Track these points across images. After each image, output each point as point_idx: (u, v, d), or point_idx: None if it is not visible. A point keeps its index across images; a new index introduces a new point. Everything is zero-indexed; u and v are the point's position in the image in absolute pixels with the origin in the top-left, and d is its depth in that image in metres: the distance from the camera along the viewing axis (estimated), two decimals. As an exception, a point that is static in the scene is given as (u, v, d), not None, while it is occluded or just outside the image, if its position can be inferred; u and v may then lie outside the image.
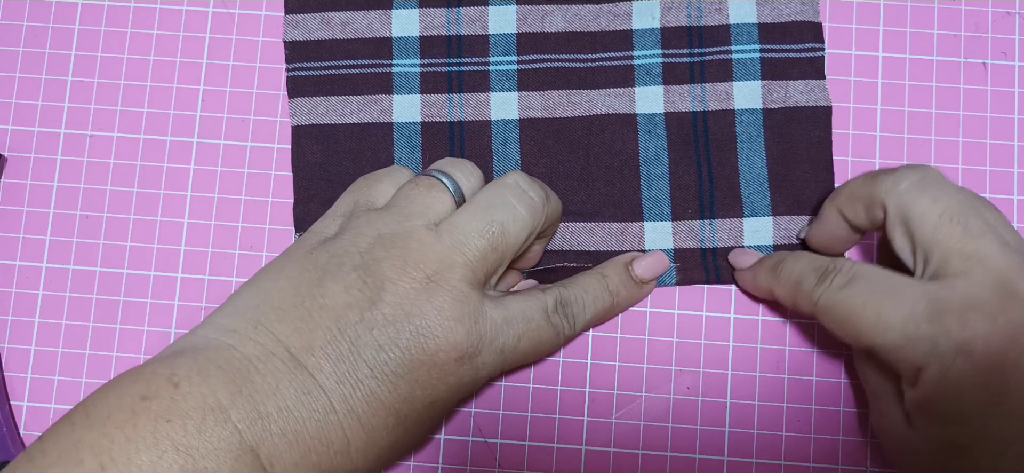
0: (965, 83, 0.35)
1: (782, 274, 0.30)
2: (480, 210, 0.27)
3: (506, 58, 0.35)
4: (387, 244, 0.26)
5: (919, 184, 0.27)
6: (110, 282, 0.34)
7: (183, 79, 0.35)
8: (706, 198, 0.34)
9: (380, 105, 0.35)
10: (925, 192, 0.27)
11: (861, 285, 0.27)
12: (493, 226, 0.27)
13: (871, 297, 0.26)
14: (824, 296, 0.28)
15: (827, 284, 0.28)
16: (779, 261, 0.31)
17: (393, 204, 0.28)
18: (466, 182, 0.29)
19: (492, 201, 0.28)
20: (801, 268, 0.29)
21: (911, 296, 0.26)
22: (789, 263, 0.30)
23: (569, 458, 0.33)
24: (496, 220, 0.27)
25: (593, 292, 0.31)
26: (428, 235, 0.27)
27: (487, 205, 0.28)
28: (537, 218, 0.28)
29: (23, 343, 0.34)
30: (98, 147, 0.35)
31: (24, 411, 0.34)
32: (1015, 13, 0.35)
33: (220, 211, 0.35)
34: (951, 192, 0.27)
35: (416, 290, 0.26)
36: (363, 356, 0.25)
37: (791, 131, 0.34)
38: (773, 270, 0.31)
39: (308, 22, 0.35)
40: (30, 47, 0.36)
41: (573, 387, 0.33)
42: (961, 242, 0.26)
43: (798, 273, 0.29)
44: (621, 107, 0.34)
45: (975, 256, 0.26)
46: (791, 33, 0.35)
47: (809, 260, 0.30)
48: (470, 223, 0.27)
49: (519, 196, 0.28)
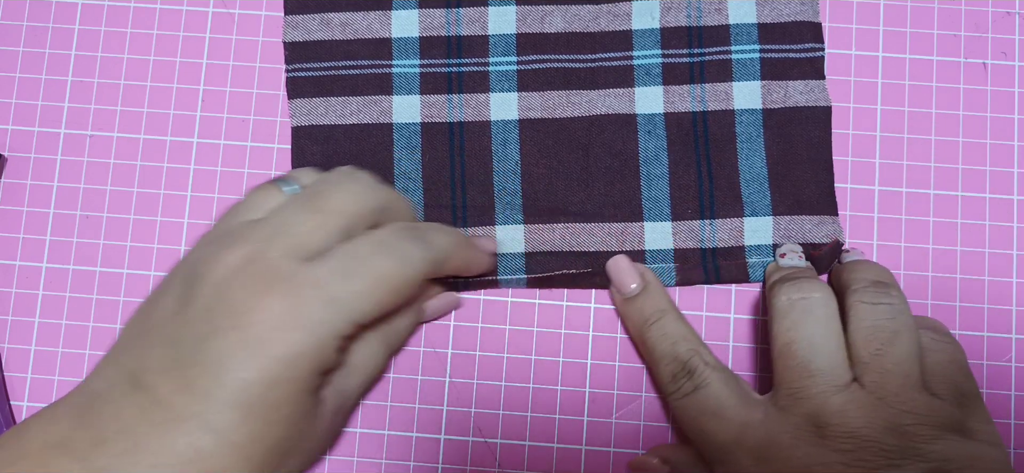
0: (965, 83, 0.35)
1: (646, 353, 0.32)
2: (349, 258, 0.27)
3: (506, 59, 0.35)
4: (221, 239, 0.27)
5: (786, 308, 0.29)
6: (110, 282, 0.34)
7: (183, 79, 0.35)
8: (706, 198, 0.34)
9: (380, 106, 0.35)
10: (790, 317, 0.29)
11: (698, 400, 0.29)
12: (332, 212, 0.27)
13: (700, 417, 0.29)
14: (669, 398, 0.31)
15: (674, 388, 0.30)
16: (648, 332, 0.31)
17: (232, 213, 0.28)
18: (332, 224, 0.28)
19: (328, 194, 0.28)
20: (662, 351, 0.31)
21: (729, 426, 0.28)
22: (656, 334, 0.31)
23: (569, 458, 0.33)
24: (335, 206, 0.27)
25: (442, 229, 0.30)
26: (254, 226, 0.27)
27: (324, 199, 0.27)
28: (421, 272, 0.28)
29: (23, 343, 0.34)
30: (98, 147, 0.35)
31: (24, 411, 0.34)
32: (1015, 13, 0.35)
33: (220, 211, 0.35)
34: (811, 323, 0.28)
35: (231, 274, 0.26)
36: (193, 357, 0.24)
37: (791, 131, 0.34)
38: (641, 340, 0.32)
39: (308, 23, 0.35)
40: (30, 47, 0.36)
41: (573, 387, 0.33)
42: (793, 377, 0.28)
43: (658, 355, 0.31)
44: (621, 107, 0.34)
45: (798, 395, 0.28)
46: (791, 33, 0.35)
47: (673, 344, 0.31)
48: (293, 214, 0.27)
49: (384, 248, 0.27)
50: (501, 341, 0.34)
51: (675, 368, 0.30)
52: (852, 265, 0.31)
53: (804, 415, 0.27)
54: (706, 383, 0.29)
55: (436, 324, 0.34)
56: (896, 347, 0.27)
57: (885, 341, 0.28)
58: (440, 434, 0.33)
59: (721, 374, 0.30)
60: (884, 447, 0.26)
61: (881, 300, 0.29)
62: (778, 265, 0.33)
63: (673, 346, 0.31)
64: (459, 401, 0.33)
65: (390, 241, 0.27)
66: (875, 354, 0.27)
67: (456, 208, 0.34)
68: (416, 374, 0.34)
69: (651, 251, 0.34)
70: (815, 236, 0.33)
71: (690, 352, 0.30)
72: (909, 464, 0.25)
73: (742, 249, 0.34)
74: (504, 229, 0.34)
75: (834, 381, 0.27)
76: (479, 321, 0.34)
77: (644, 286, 0.32)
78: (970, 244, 0.34)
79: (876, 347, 0.28)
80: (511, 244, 0.34)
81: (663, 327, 0.31)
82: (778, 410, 0.28)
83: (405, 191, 0.34)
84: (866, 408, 0.27)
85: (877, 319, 0.28)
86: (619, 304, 0.33)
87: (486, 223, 0.34)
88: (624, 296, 0.32)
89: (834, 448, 0.26)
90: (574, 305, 0.34)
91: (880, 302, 0.29)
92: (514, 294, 0.34)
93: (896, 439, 0.26)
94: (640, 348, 0.33)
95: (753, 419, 0.28)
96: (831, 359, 0.28)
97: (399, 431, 0.33)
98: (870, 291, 0.29)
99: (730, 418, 0.29)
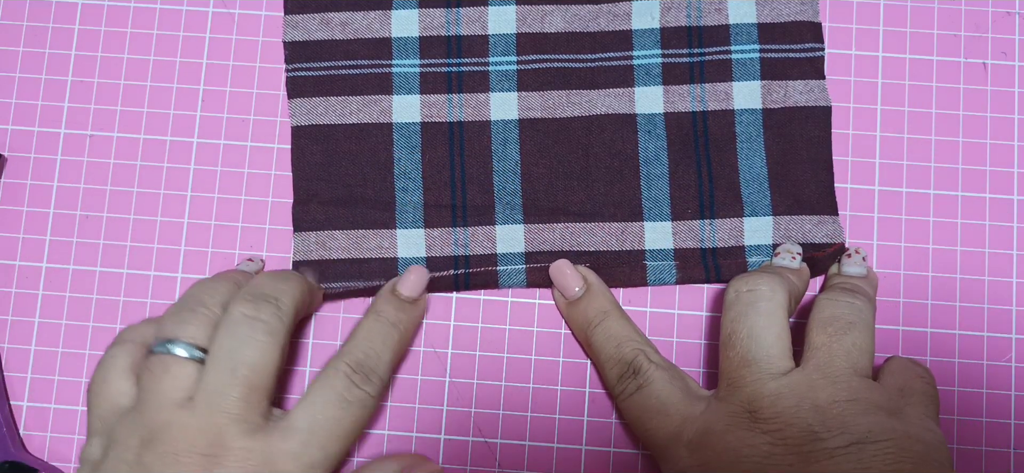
0: (965, 83, 0.35)
1: (592, 354, 0.32)
2: (222, 362, 0.27)
3: (506, 58, 0.35)
4: (151, 444, 0.26)
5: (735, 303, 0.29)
6: (110, 282, 0.34)
7: (183, 79, 0.35)
8: (706, 198, 0.34)
9: (380, 105, 0.35)
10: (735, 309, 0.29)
11: (641, 399, 0.30)
12: (240, 370, 0.26)
13: (643, 415, 0.30)
14: (616, 399, 0.31)
15: (621, 389, 0.31)
16: (593, 334, 0.31)
17: (140, 399, 0.27)
18: (197, 330, 0.28)
19: (229, 347, 0.27)
20: (608, 353, 0.31)
21: (671, 422, 0.29)
22: (601, 336, 0.31)
23: (569, 458, 0.33)
24: (242, 363, 0.26)
25: (379, 335, 0.30)
26: (184, 414, 0.26)
27: (226, 354, 0.27)
28: (282, 322, 0.28)
29: (23, 343, 0.34)
30: (98, 147, 0.35)
31: (24, 411, 0.34)
32: (1015, 13, 0.35)
33: (220, 211, 0.35)
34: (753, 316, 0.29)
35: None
36: None
37: (791, 131, 0.34)
38: (587, 342, 0.32)
39: (308, 23, 0.35)
40: (30, 47, 0.36)
41: (573, 387, 0.33)
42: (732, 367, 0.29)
43: (604, 357, 0.31)
44: (621, 107, 0.34)
45: (736, 384, 0.28)
46: (791, 33, 0.35)
47: (617, 345, 0.31)
48: (218, 380, 0.26)
49: (251, 325, 0.27)
50: (501, 341, 0.34)
51: (621, 369, 0.30)
52: (838, 277, 0.32)
53: (740, 403, 0.28)
54: (650, 382, 0.30)
55: (436, 324, 0.34)
56: (848, 336, 0.28)
57: (839, 329, 0.28)
58: (440, 434, 0.33)
59: (665, 372, 0.30)
60: (811, 425, 0.26)
61: (845, 299, 0.29)
62: (771, 263, 0.33)
63: (618, 347, 0.31)
64: (459, 401, 0.33)
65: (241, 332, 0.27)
66: (828, 338, 0.28)
67: (456, 208, 0.34)
68: (416, 374, 0.34)
69: (651, 251, 0.34)
70: (815, 236, 0.33)
71: (635, 351, 0.30)
72: (833, 438, 0.26)
73: (742, 249, 0.34)
74: (504, 229, 0.34)
75: (770, 368, 0.28)
76: (479, 321, 0.34)
77: (586, 288, 0.32)
78: (970, 244, 0.34)
79: (830, 332, 0.28)
80: (511, 244, 0.34)
81: (607, 328, 0.31)
82: (718, 401, 0.29)
83: (405, 191, 0.34)
84: (799, 391, 0.27)
85: (836, 310, 0.29)
86: (563, 308, 0.33)
87: (486, 223, 0.34)
88: (566, 298, 0.33)
89: (763, 430, 0.27)
90: (574, 305, 0.34)
91: (842, 300, 0.29)
92: (514, 294, 0.34)
93: (824, 418, 0.26)
94: (587, 351, 0.33)
95: (693, 413, 0.29)
96: (769, 349, 0.28)
97: (399, 431, 0.33)
98: (837, 291, 0.30)
99: (672, 414, 0.29)
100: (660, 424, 0.29)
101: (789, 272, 0.31)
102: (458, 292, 0.34)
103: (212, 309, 0.28)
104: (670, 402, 0.29)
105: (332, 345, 0.34)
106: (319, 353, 0.34)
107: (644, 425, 0.30)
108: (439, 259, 0.34)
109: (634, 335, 0.31)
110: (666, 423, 0.29)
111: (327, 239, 0.34)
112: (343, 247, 0.34)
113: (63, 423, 0.34)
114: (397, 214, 0.34)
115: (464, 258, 0.34)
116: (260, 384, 0.27)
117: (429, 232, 0.34)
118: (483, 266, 0.34)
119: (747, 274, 0.30)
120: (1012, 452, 0.33)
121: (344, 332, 0.34)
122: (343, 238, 0.34)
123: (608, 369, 0.31)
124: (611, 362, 0.31)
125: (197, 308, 0.28)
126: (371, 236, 0.34)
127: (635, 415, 0.30)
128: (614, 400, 0.32)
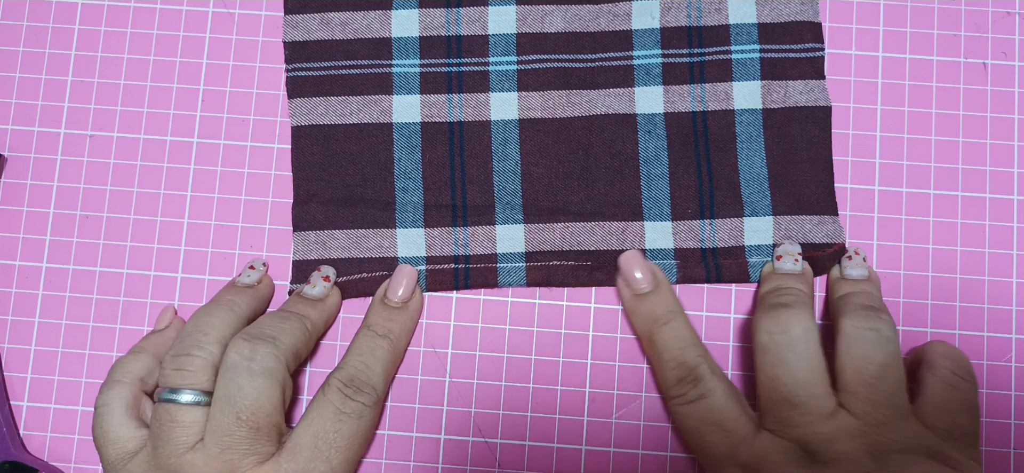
0: (965, 83, 0.35)
1: (653, 352, 0.32)
2: (225, 406, 0.28)
3: (506, 58, 0.35)
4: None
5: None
6: (110, 282, 0.34)
7: (183, 79, 0.35)
8: (706, 198, 0.34)
9: (380, 105, 0.35)
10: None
11: (701, 409, 0.30)
12: (244, 412, 0.28)
13: (702, 425, 0.30)
14: (672, 401, 0.31)
15: (678, 392, 0.30)
16: (659, 332, 0.31)
17: (153, 448, 0.28)
18: (197, 375, 0.29)
19: (229, 392, 0.28)
20: (671, 354, 0.31)
21: (728, 439, 0.29)
22: (662, 344, 0.31)
23: (569, 458, 0.33)
24: (244, 407, 0.28)
25: (367, 348, 0.31)
26: (197, 457, 0.28)
27: (227, 399, 0.28)
28: (280, 360, 0.29)
29: (23, 343, 0.34)
30: (98, 147, 0.35)
31: (24, 411, 0.34)
32: (1015, 13, 0.35)
33: (220, 211, 0.35)
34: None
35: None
36: None
37: (791, 131, 0.34)
38: (649, 339, 0.32)
39: (308, 23, 0.35)
40: (30, 47, 0.36)
41: (573, 387, 0.33)
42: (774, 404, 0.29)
43: (667, 357, 0.31)
44: (621, 107, 0.34)
45: (786, 423, 0.29)
46: (791, 33, 0.35)
47: (681, 348, 0.31)
48: (224, 422, 0.28)
49: (249, 367, 0.28)
50: (501, 341, 0.34)
51: (681, 372, 0.30)
52: (844, 283, 0.32)
53: (794, 441, 0.28)
54: (711, 393, 0.30)
55: (436, 324, 0.34)
56: (884, 381, 0.28)
57: (874, 375, 0.28)
58: (440, 434, 0.33)
59: (725, 386, 0.30)
60: (868, 470, 0.27)
61: (870, 326, 0.29)
62: (773, 267, 0.33)
63: (682, 350, 0.31)
64: (459, 401, 0.33)
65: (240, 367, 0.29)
66: (864, 385, 0.28)
67: (456, 208, 0.34)
68: (416, 374, 0.34)
69: (651, 251, 0.34)
70: (816, 236, 0.33)
71: (698, 359, 0.30)
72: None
73: (742, 249, 0.34)
74: (504, 228, 0.34)
75: (819, 409, 0.28)
76: (479, 321, 0.34)
77: (656, 285, 0.32)
78: (970, 244, 0.34)
79: (865, 379, 0.28)
80: (511, 244, 0.34)
81: (675, 329, 0.31)
82: (769, 433, 0.29)
83: (405, 191, 0.34)
84: (853, 435, 0.28)
85: (866, 350, 0.29)
86: (628, 301, 0.33)
87: (486, 223, 0.34)
88: (633, 291, 0.32)
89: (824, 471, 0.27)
90: (574, 305, 0.34)
91: (869, 328, 0.29)
92: (514, 294, 0.34)
93: (878, 464, 0.27)
94: (646, 346, 0.33)
95: (749, 434, 0.29)
96: (814, 389, 0.28)
97: (399, 431, 0.33)
98: (860, 316, 0.29)
99: (731, 431, 0.29)
100: (719, 439, 0.29)
101: (796, 281, 0.31)
102: (458, 292, 0.34)
103: (209, 349, 0.29)
104: (730, 418, 0.29)
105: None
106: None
107: (702, 436, 0.30)
108: (439, 259, 0.34)
109: (698, 342, 0.31)
110: (724, 439, 0.29)
111: (327, 239, 0.34)
112: (343, 247, 0.34)
113: (63, 423, 0.34)
114: (397, 214, 0.34)
115: (464, 258, 0.34)
116: (264, 422, 0.28)
117: (429, 232, 0.34)
118: (483, 265, 0.34)
119: (774, 313, 0.30)
120: (1012, 452, 0.33)
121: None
122: (343, 238, 0.34)
123: (669, 370, 0.31)
124: (673, 363, 0.31)
125: (194, 351, 0.29)
126: (371, 236, 0.34)
127: (692, 424, 0.30)
128: (668, 402, 0.31)
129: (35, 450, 0.34)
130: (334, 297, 0.33)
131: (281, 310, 0.31)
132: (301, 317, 0.31)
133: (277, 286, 0.34)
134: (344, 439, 0.29)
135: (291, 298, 0.33)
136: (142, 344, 0.31)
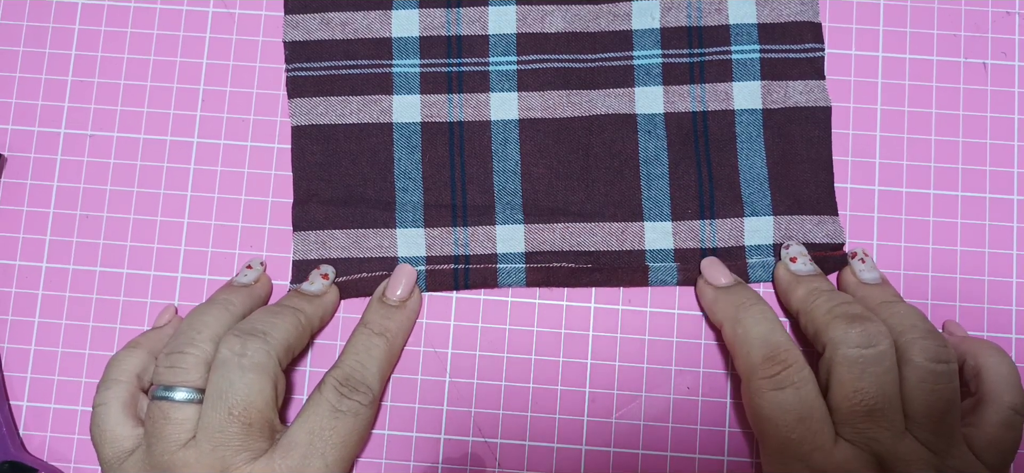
0: (965, 83, 0.35)
1: (738, 331, 0.31)
2: (217, 402, 0.28)
3: (506, 58, 0.35)
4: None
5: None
6: (110, 282, 0.34)
7: (183, 79, 0.35)
8: (706, 198, 0.34)
9: (380, 105, 0.35)
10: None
11: (790, 398, 0.29)
12: (235, 408, 0.28)
13: (785, 414, 0.29)
14: (757, 384, 0.29)
15: (767, 372, 0.29)
16: (745, 313, 0.31)
17: (147, 445, 0.28)
18: (190, 372, 0.29)
19: (221, 388, 0.28)
20: (759, 332, 0.30)
21: (806, 435, 0.28)
22: (750, 323, 0.30)
23: (569, 458, 0.33)
24: (235, 403, 0.28)
25: (364, 347, 0.31)
26: (190, 453, 0.28)
27: (219, 394, 0.28)
28: (271, 355, 0.29)
29: (23, 343, 0.34)
30: (98, 147, 0.35)
31: (24, 411, 0.34)
32: (1015, 13, 0.35)
33: (220, 211, 0.35)
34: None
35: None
36: None
37: (791, 131, 0.34)
38: (735, 319, 0.31)
39: (308, 22, 0.35)
40: (30, 47, 0.36)
41: (573, 387, 0.33)
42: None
43: (755, 335, 0.30)
44: (621, 107, 0.34)
45: (865, 434, 0.29)
46: (791, 33, 0.35)
47: (769, 329, 0.30)
48: (216, 419, 0.28)
49: (239, 363, 0.28)
50: (501, 341, 0.34)
51: (770, 351, 0.29)
52: (871, 290, 0.32)
53: (875, 455, 0.29)
54: (805, 383, 0.29)
55: (436, 324, 0.34)
56: (950, 416, 0.28)
57: (943, 411, 0.28)
58: (440, 434, 0.33)
59: (814, 381, 0.29)
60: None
61: (942, 361, 0.29)
62: (786, 267, 0.33)
63: (770, 331, 0.30)
64: (459, 401, 0.33)
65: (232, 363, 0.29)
66: (933, 420, 0.28)
67: (456, 208, 0.34)
68: (416, 374, 0.34)
69: (651, 251, 0.34)
70: (816, 236, 0.33)
71: (787, 341, 0.30)
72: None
73: (742, 249, 0.34)
74: (504, 229, 0.34)
75: (898, 428, 0.28)
76: (479, 321, 0.34)
77: (737, 282, 0.32)
78: (970, 244, 0.34)
79: (935, 415, 0.28)
80: (511, 244, 0.34)
81: (762, 311, 0.31)
82: (846, 442, 0.29)
83: (405, 191, 0.34)
84: (924, 461, 0.28)
85: (939, 387, 0.28)
86: (708, 295, 0.33)
87: (486, 223, 0.34)
88: (715, 286, 0.32)
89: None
90: (574, 305, 0.34)
91: (941, 362, 0.29)
92: (514, 294, 0.34)
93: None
94: (728, 331, 0.31)
95: (828, 441, 0.29)
96: (897, 406, 0.29)
97: (399, 431, 0.33)
98: (932, 352, 0.29)
99: (814, 430, 0.29)
100: (800, 435, 0.28)
101: (820, 283, 0.31)
102: (458, 292, 0.34)
103: (202, 346, 0.29)
104: (817, 417, 0.29)
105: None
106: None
107: (783, 426, 0.29)
108: (439, 259, 0.34)
109: (784, 329, 0.31)
110: (806, 437, 0.28)
111: (327, 238, 0.34)
112: (343, 246, 0.34)
113: (63, 423, 0.34)
114: (397, 214, 0.34)
115: (464, 258, 0.34)
116: (256, 418, 0.28)
117: (429, 232, 0.34)
118: (483, 265, 0.34)
119: (859, 325, 0.29)
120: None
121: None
122: (343, 237, 0.34)
123: (755, 348, 0.30)
124: (759, 341, 0.30)
125: (187, 349, 0.29)
126: (371, 235, 0.34)
127: (772, 412, 0.29)
128: (749, 382, 0.30)
129: (35, 450, 0.34)
130: (331, 294, 0.33)
131: (274, 304, 0.31)
132: (295, 310, 0.31)
133: (277, 286, 0.34)
134: (339, 437, 0.29)
135: (287, 293, 0.33)
136: (139, 340, 0.31)
